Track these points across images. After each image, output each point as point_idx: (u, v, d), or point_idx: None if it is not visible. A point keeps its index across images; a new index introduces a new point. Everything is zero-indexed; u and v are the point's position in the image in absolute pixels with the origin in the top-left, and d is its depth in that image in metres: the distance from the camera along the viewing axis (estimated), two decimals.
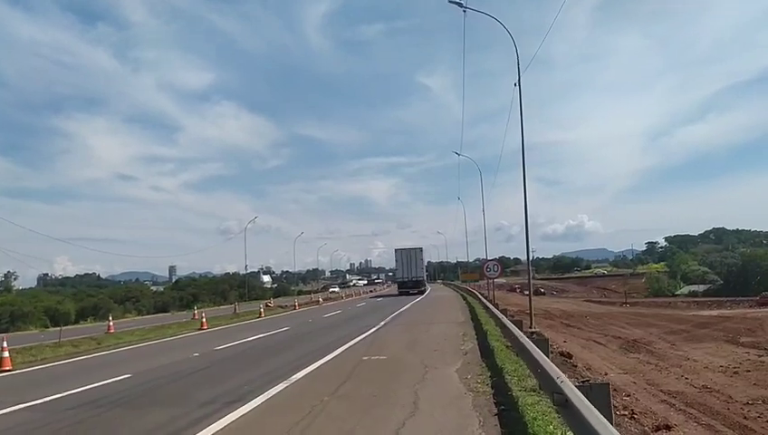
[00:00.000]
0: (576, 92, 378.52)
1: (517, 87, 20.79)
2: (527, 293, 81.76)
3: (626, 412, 10.31)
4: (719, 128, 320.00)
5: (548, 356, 8.34)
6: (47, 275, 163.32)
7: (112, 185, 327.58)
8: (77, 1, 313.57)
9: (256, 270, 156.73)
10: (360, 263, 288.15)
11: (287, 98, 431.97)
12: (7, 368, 14.46)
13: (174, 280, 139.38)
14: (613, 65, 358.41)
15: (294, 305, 44.14)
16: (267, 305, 47.92)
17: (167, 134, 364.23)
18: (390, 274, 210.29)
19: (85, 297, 67.63)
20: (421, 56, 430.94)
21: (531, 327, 18.83)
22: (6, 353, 14.83)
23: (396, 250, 61.75)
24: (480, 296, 35.58)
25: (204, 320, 26.89)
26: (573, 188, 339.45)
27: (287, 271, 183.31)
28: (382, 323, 23.62)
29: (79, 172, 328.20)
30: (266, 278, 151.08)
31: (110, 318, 28.58)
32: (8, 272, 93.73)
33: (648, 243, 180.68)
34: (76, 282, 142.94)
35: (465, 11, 21.61)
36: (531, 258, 23.69)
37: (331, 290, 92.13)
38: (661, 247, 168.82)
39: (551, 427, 6.05)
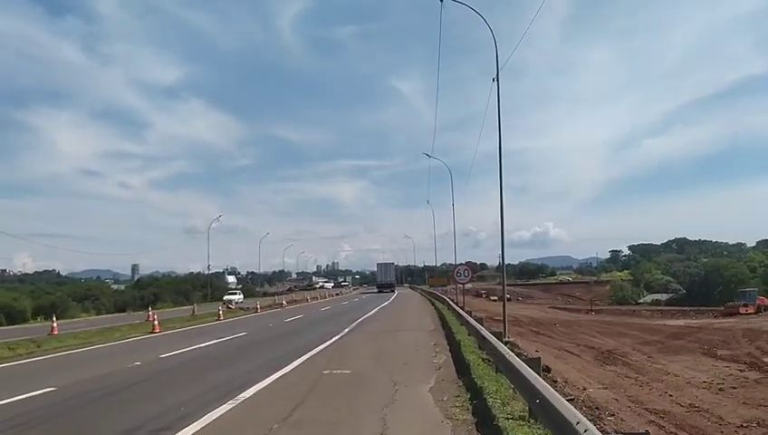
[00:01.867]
0: (545, 102, 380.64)
1: (495, 82, 19.77)
2: (493, 298, 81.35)
3: None
4: (683, 141, 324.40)
5: (540, 376, 7.02)
6: (5, 271, 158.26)
7: (77, 180, 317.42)
8: None
9: (221, 270, 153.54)
10: (327, 265, 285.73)
11: (258, 97, 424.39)
12: None
13: (136, 279, 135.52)
14: (582, 77, 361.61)
15: (256, 308, 42.34)
16: (228, 307, 46.12)
17: (134, 130, 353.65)
18: (357, 277, 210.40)
19: (43, 295, 64.40)
20: (394, 60, 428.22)
21: (504, 336, 17.65)
22: None
23: (377, 263, 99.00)
24: (450, 302, 34.41)
25: (156, 322, 25.05)
26: (540, 195, 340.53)
27: (253, 272, 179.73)
28: (347, 329, 22.21)
29: (42, 167, 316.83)
30: (231, 279, 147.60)
31: (54, 319, 26.52)
32: None
33: (612, 251, 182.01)
34: (35, 278, 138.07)
35: (441, 1, 20.47)
36: (499, 265, 22.67)
37: (227, 295, 64.83)
38: (625, 256, 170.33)
39: None
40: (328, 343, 17.28)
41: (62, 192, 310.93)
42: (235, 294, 67.83)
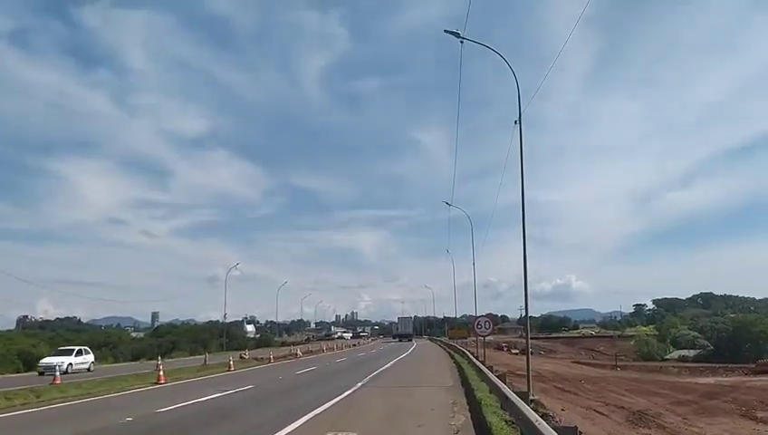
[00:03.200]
0: (565, 154, 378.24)
1: (518, 124, 19.05)
2: (514, 351, 79.22)
3: None
4: (706, 194, 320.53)
5: None
6: (27, 317, 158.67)
7: (102, 228, 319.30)
8: (78, 45, 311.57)
9: (240, 319, 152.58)
10: (347, 315, 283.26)
11: (281, 147, 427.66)
12: None
13: (155, 326, 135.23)
14: (602, 130, 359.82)
15: (269, 359, 41.22)
16: (241, 357, 45.14)
17: (160, 180, 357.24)
18: (376, 327, 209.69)
19: (61, 342, 64.21)
20: (416, 112, 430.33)
21: (530, 395, 16.38)
22: None
23: (398, 317, 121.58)
24: (469, 355, 33.06)
25: (161, 373, 24.06)
26: (561, 247, 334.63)
27: (272, 321, 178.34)
28: (359, 383, 21.03)
29: (69, 215, 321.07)
30: (250, 328, 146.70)
31: (57, 368, 25.66)
32: None
33: (636, 305, 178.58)
34: (56, 325, 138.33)
35: (462, 42, 20.02)
36: (520, 317, 21.61)
37: (49, 357, 35.67)
38: (649, 310, 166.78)
39: None
40: (338, 398, 16.13)
41: (87, 240, 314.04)
42: (68, 354, 35.59)
